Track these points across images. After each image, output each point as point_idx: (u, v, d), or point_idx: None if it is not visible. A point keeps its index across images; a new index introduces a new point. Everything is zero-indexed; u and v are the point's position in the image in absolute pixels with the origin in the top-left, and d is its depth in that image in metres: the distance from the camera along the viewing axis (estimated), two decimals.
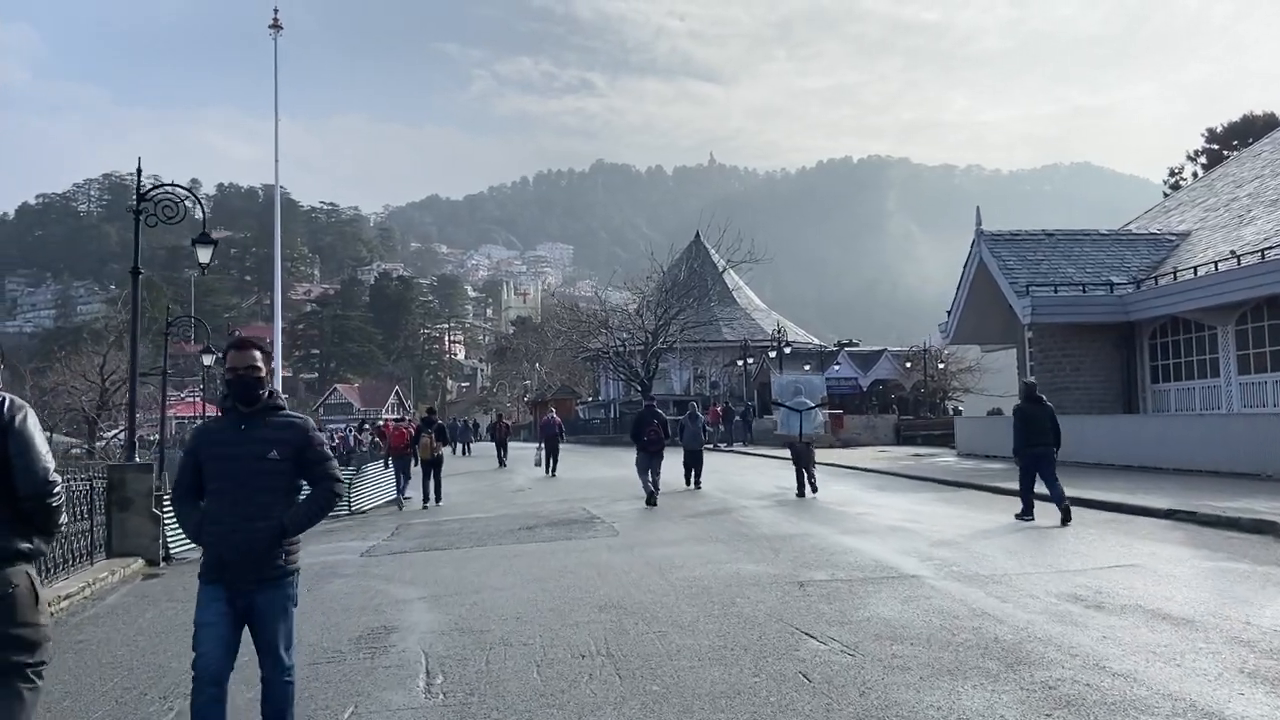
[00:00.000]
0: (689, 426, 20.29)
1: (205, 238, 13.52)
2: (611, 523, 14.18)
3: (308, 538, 13.05)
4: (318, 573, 10.86)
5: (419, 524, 15.95)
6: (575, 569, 9.96)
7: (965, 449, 26.92)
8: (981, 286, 25.54)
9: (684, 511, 15.35)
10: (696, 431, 20.24)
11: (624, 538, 12.45)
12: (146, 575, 12.05)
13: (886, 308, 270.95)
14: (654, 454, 17.00)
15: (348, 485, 18.54)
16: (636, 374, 49.80)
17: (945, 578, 8.53)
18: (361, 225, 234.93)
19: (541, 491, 20.63)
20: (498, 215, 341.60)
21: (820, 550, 10.48)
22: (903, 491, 17.73)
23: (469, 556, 11.48)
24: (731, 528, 12.92)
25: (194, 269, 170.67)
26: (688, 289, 52.29)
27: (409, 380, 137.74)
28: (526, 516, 15.69)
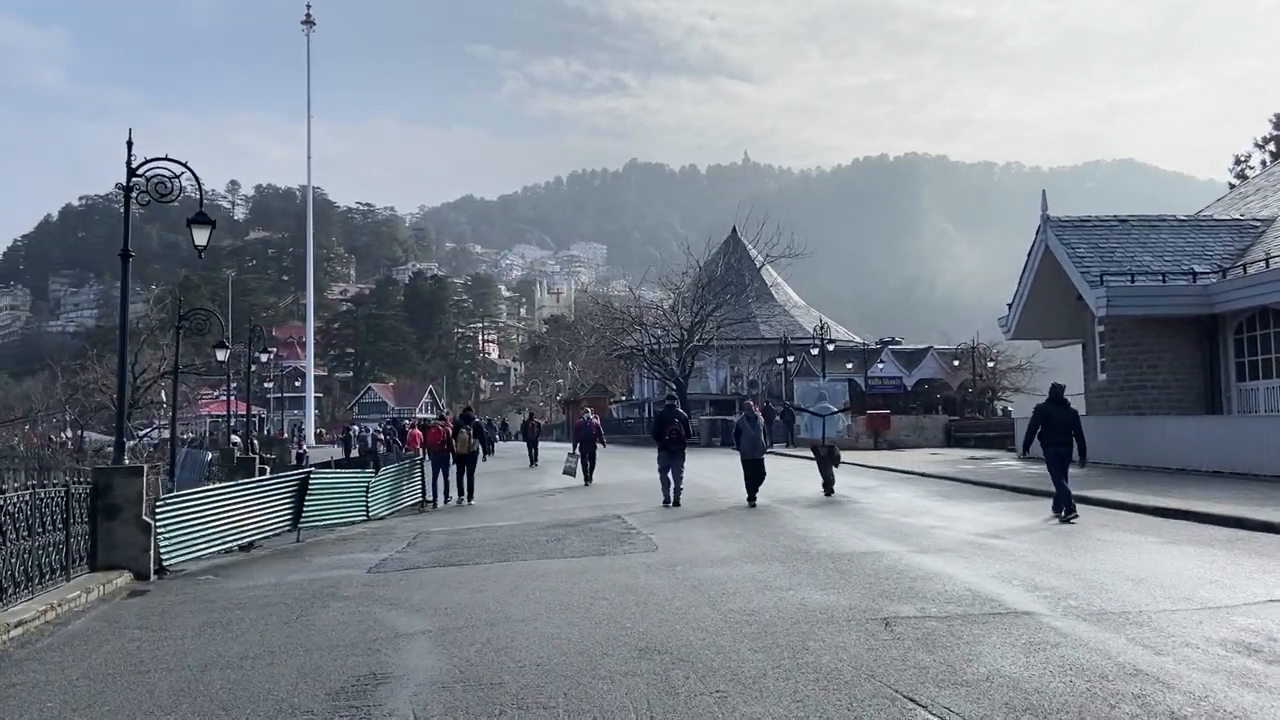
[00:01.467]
0: (747, 430, 16.22)
1: (202, 217, 12.25)
2: (649, 534, 12.69)
3: (314, 549, 11.68)
4: (315, 593, 9.49)
5: (438, 532, 14.58)
6: (609, 594, 8.48)
7: (1030, 452, 24.97)
8: (1047, 277, 23.67)
9: (728, 522, 13.81)
10: (757, 436, 16.22)
11: (664, 553, 10.95)
12: (132, 592, 10.77)
13: (925, 306, 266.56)
14: (675, 452, 16.80)
15: (365, 490, 17.25)
16: (671, 372, 48.25)
17: (1066, 615, 6.92)
18: (397, 225, 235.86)
19: (572, 496, 19.19)
20: (531, 215, 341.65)
21: (897, 574, 8.89)
22: (971, 500, 16.03)
23: (488, 575, 10.04)
24: (786, 543, 11.36)
25: (231, 268, 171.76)
26: (725, 285, 50.62)
27: (443, 379, 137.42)
28: (555, 526, 14.25)
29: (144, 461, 39.82)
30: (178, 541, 12.20)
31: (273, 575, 11.18)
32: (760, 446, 16.12)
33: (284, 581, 10.56)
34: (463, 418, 21.11)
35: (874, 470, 24.01)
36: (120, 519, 11.62)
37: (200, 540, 12.62)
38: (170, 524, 12.10)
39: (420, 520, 17.10)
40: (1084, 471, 14.75)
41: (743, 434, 16.26)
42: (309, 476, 15.16)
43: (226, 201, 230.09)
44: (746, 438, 16.18)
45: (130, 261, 11.98)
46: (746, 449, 16.13)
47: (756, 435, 16.20)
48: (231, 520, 13.22)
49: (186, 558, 12.39)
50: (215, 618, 8.53)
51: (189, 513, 12.49)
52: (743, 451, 16.14)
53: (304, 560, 12.44)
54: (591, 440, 22.51)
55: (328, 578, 10.61)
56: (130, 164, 11.95)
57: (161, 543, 11.98)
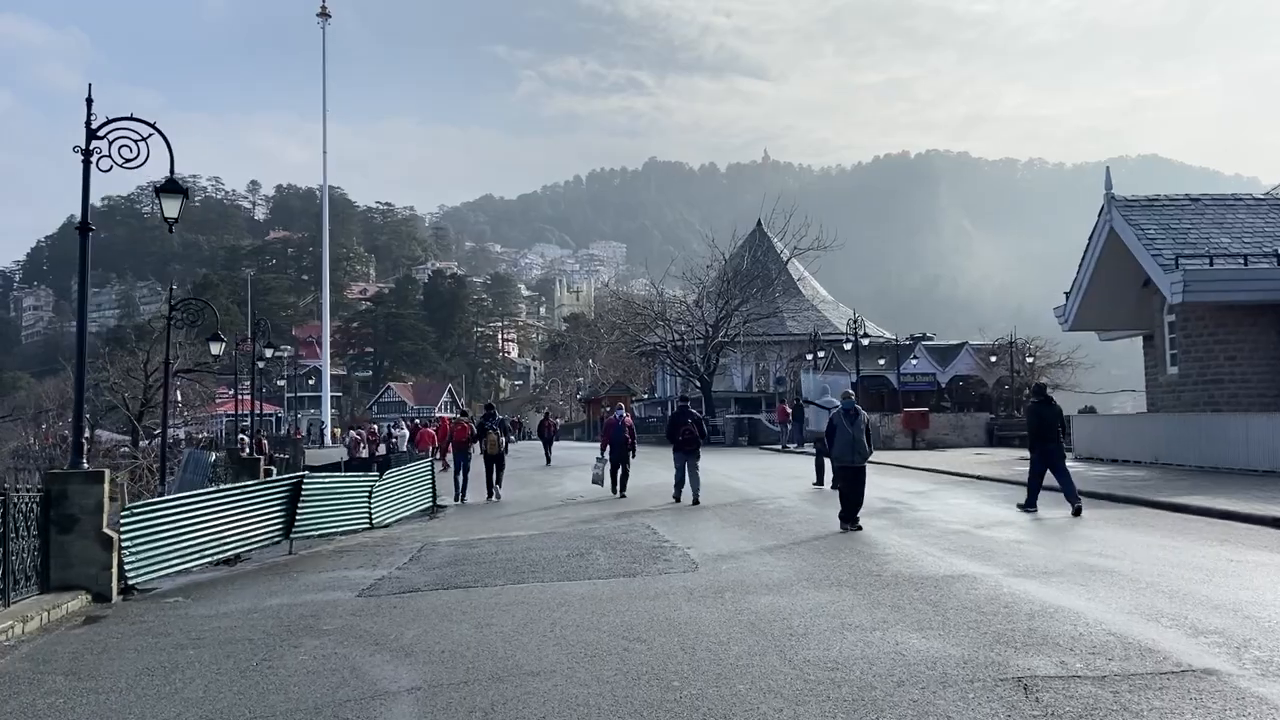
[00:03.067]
0: (843, 428, 12.42)
1: (173, 185, 10.66)
2: (685, 549, 10.99)
3: (305, 564, 10.06)
4: (289, 625, 7.86)
5: (446, 544, 12.94)
6: (647, 634, 6.79)
7: (1087, 452, 23.12)
8: (1110, 263, 21.76)
9: (773, 534, 12.08)
10: (856, 437, 12.35)
11: (706, 574, 9.26)
12: (88, 618, 9.19)
13: (948, 305, 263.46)
14: (690, 453, 16.47)
15: (368, 494, 15.67)
16: (696, 369, 46.52)
17: (1266, 676, 5.16)
18: (416, 225, 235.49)
19: (595, 501, 17.48)
20: (551, 214, 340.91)
21: (1005, 608, 7.15)
22: (1047, 509, 14.19)
23: (498, 603, 8.38)
24: (849, 561, 9.62)
25: (252, 268, 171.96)
26: (750, 279, 48.82)
27: (462, 379, 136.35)
28: (578, 537, 12.58)
29: (151, 463, 38.50)
30: (147, 557, 10.63)
31: (249, 598, 9.58)
32: (862, 450, 12.30)
33: (259, 608, 8.95)
34: (486, 417, 21.03)
35: (921, 472, 22.19)
36: (77, 532, 10.08)
37: (174, 555, 11.05)
38: (138, 537, 10.54)
39: (429, 528, 15.49)
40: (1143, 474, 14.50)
41: (837, 433, 12.47)
42: (301, 481, 13.57)
43: (247, 202, 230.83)
44: (842, 438, 12.38)
45: (90, 237, 10.41)
46: (843, 452, 12.37)
47: (856, 436, 12.29)
48: (212, 531, 11.64)
49: (158, 575, 10.83)
50: (161, 661, 6.93)
51: (160, 524, 10.92)
52: (837, 456, 12.49)
53: (290, 578, 10.84)
54: (624, 443, 18.47)
55: (310, 603, 8.99)
56: (89, 124, 10.37)
57: (127, 559, 10.42)
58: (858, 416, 12.48)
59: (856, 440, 12.31)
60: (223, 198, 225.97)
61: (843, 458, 12.38)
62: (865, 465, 12.41)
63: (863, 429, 12.35)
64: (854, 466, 12.27)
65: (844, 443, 12.36)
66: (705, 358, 46.29)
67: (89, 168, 10.40)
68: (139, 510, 10.83)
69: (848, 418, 12.45)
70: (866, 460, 12.43)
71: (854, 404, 12.70)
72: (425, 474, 18.54)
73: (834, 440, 12.54)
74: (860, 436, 12.29)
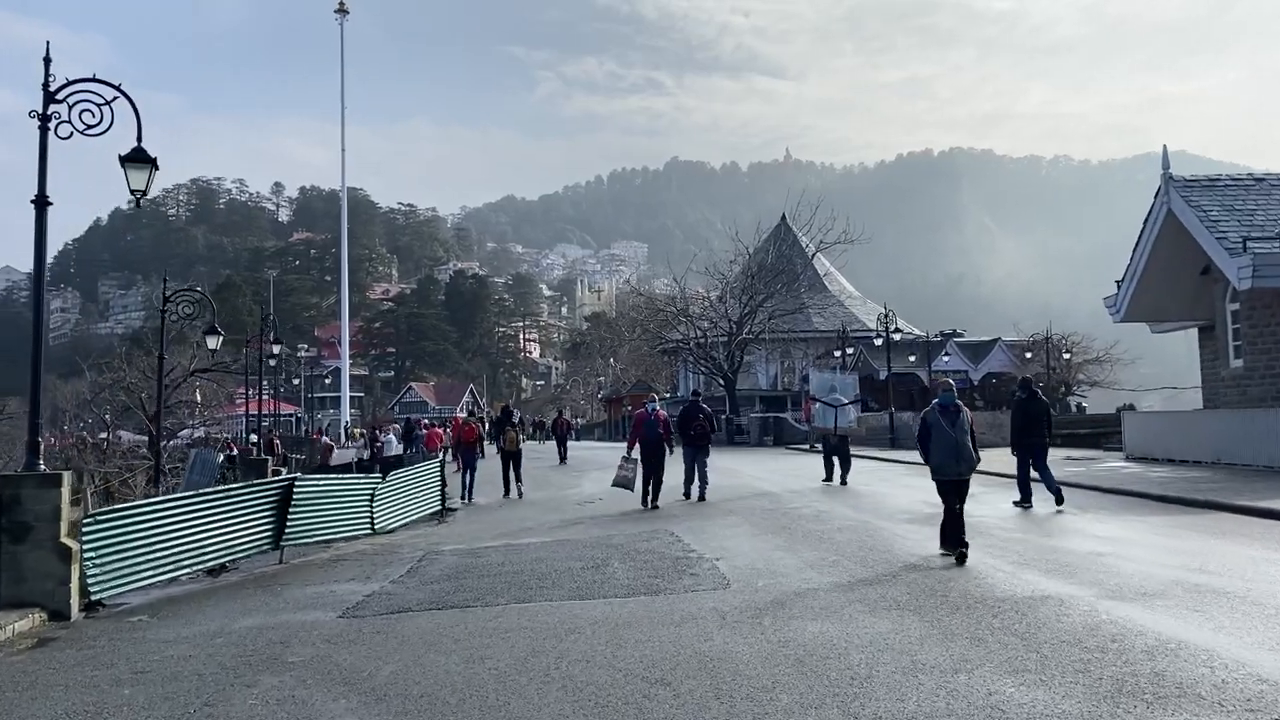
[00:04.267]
0: (942, 430, 9.57)
1: (139, 154, 9.54)
2: (714, 560, 9.74)
3: (293, 575, 8.63)
4: (251, 658, 6.68)
5: (449, 552, 11.77)
6: (673, 675, 5.55)
7: (1140, 451, 21.61)
8: (1167, 248, 20.26)
9: (810, 542, 10.79)
10: (961, 441, 9.52)
11: (740, 591, 8.01)
12: (40, 640, 8.08)
13: (972, 303, 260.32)
14: (699, 448, 16.22)
15: (370, 497, 14.53)
16: (720, 367, 45.17)
17: None
18: (438, 226, 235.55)
19: (614, 503, 16.19)
20: (572, 215, 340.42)
21: (1109, 640, 5.84)
22: (1117, 513, 12.80)
23: (496, 628, 7.16)
24: (909, 578, 8.33)
25: (274, 268, 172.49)
26: (776, 273, 47.37)
27: (484, 379, 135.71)
28: (594, 545, 11.36)
29: (168, 464, 37.75)
30: (114, 569, 9.53)
31: (220, 618, 8.44)
32: (969, 458, 9.54)
33: (227, 630, 7.80)
34: (503, 415, 21.15)
35: None
36: (30, 542, 8.99)
37: (146, 566, 9.94)
38: (103, 547, 9.44)
39: (434, 534, 14.33)
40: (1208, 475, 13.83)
41: (933, 435, 9.61)
42: (292, 484, 12.44)
43: (271, 203, 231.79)
44: (941, 443, 9.53)
45: (47, 210, 9.30)
46: (945, 461, 9.53)
47: (960, 439, 9.48)
48: (190, 540, 10.52)
49: (128, 588, 9.72)
50: (89, 702, 5.78)
51: (130, 532, 9.80)
52: (938, 466, 9.61)
53: (272, 593, 9.69)
54: (659, 443, 15.57)
55: (285, 625, 7.82)
56: (47, 87, 9.28)
57: (91, 571, 9.31)
58: (960, 415, 9.63)
59: (961, 445, 9.48)
60: (247, 200, 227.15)
61: (945, 468, 9.54)
62: (970, 472, 9.68)
63: (967, 430, 9.57)
64: (961, 480, 9.57)
65: (946, 448, 9.49)
66: (729, 355, 44.94)
67: (46, 135, 9.30)
68: (105, 517, 9.72)
69: (947, 416, 9.60)
70: (975, 470, 9.73)
71: (955, 399, 9.83)
72: (433, 476, 17.41)
73: (930, 445, 9.64)
74: (965, 440, 9.50)
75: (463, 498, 18.81)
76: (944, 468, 9.56)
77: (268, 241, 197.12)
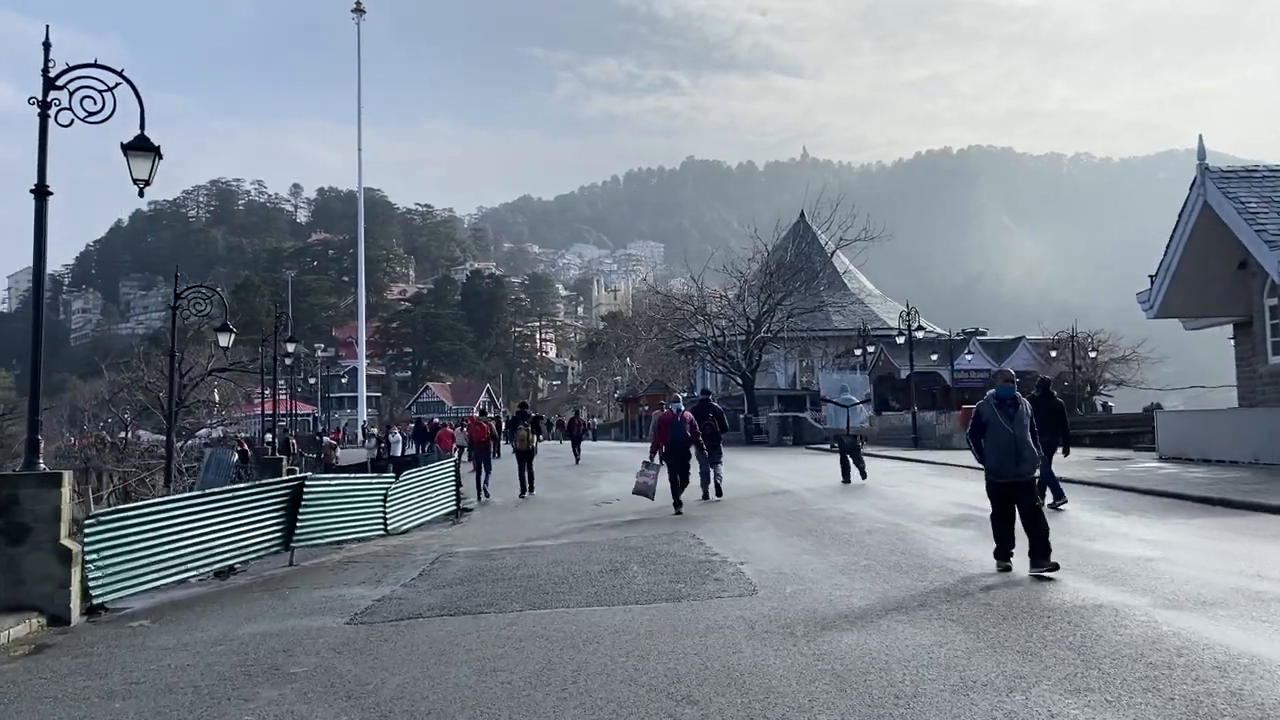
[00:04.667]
0: (998, 425, 8.45)
1: (142, 142, 9.21)
2: (739, 564, 9.31)
3: (303, 578, 8.29)
4: (251, 668, 6.31)
5: (463, 554, 11.39)
6: (698, 688, 5.13)
7: (1174, 451, 20.97)
8: (1203, 242, 19.62)
9: (838, 545, 10.33)
10: (1020, 439, 8.39)
11: (767, 598, 7.57)
12: (37, 646, 7.75)
13: (991, 302, 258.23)
14: (712, 447, 16.20)
15: (383, 497, 14.19)
16: (738, 366, 44.68)
17: None
18: (455, 226, 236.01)
19: (632, 504, 15.76)
20: (588, 215, 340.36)
21: (1175, 655, 5.37)
22: (1156, 515, 12.26)
23: (511, 636, 6.76)
24: (947, 584, 7.86)
25: (292, 269, 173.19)
26: (795, 271, 46.80)
27: (500, 378, 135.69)
28: (612, 547, 10.95)
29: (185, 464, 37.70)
30: (117, 572, 9.21)
31: (224, 623, 8.08)
32: (1030, 456, 8.42)
33: (230, 637, 7.44)
34: (519, 415, 21.03)
35: None
36: (29, 544, 8.68)
37: (151, 569, 9.62)
38: (106, 549, 9.12)
39: (449, 535, 13.97)
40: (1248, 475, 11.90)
41: (988, 431, 8.52)
42: (303, 483, 12.11)
43: (289, 205, 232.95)
44: (998, 440, 8.40)
45: (48, 200, 8.98)
46: (1002, 461, 8.40)
47: (1019, 435, 8.37)
48: (197, 541, 10.20)
49: (133, 591, 9.41)
50: (79, 715, 5.43)
51: (134, 533, 9.48)
52: (994, 468, 8.48)
53: (279, 597, 9.34)
54: (685, 444, 14.54)
55: (290, 632, 7.45)
56: (47, 73, 8.96)
57: (93, 574, 9.00)
58: (1019, 408, 8.52)
59: (1021, 442, 8.32)
60: (265, 201, 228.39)
61: (1003, 469, 8.37)
62: (1033, 484, 8.54)
63: (1027, 425, 8.45)
64: (1022, 481, 8.36)
65: (1003, 446, 8.34)
66: (747, 354, 44.44)
67: (46, 122, 8.98)
68: (108, 518, 9.40)
69: (1004, 410, 8.45)
70: (1037, 470, 8.67)
71: (1014, 391, 8.70)
72: (448, 476, 17.06)
73: (985, 443, 8.53)
74: (1025, 436, 8.37)
75: (479, 497, 18.67)
76: (1002, 468, 8.40)
77: (286, 242, 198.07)
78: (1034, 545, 8.09)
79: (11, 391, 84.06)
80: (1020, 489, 8.38)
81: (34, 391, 8.90)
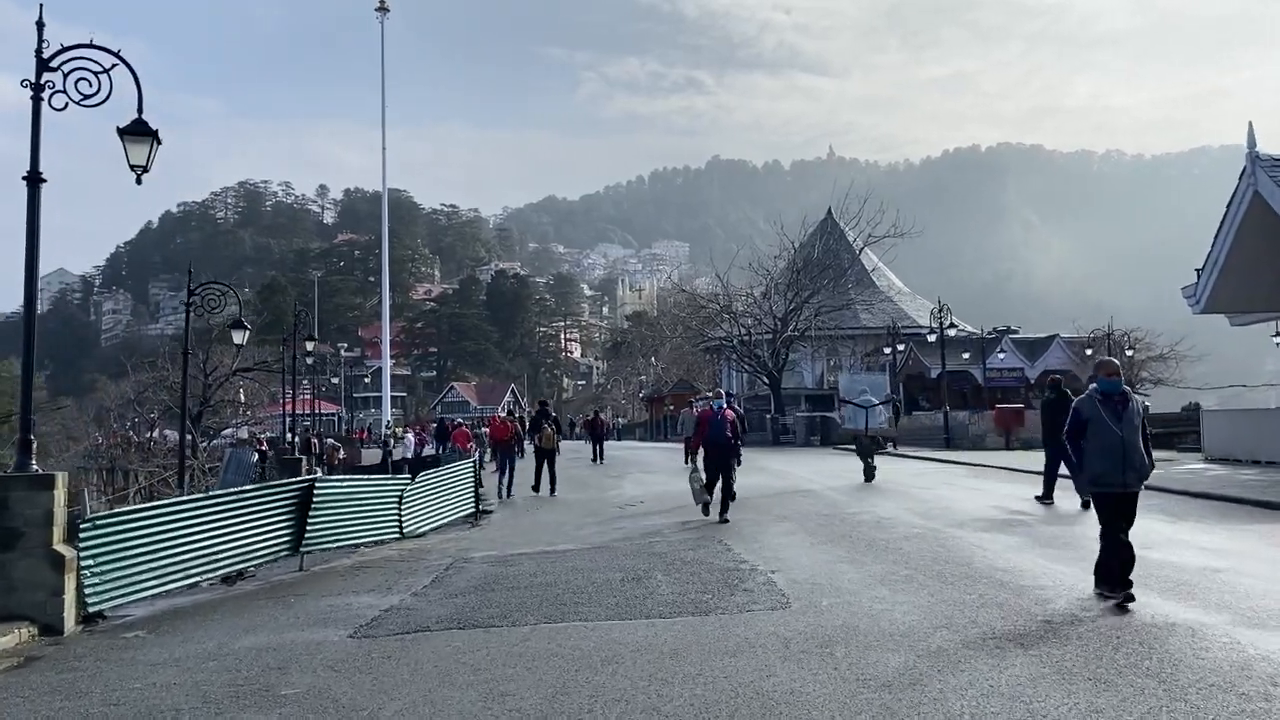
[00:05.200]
0: (1104, 427, 7.05)
1: (140, 127, 8.78)
2: (769, 573, 8.71)
3: (311, 584, 7.78)
4: (241, 689, 5.81)
5: (479, 559, 10.88)
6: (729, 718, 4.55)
7: (1223, 453, 20.11)
8: (1254, 233, 18.71)
9: (875, 554, 9.69)
10: (1129, 442, 6.99)
11: (803, 613, 6.97)
12: (26, 659, 7.31)
13: (1021, 300, 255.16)
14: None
15: (398, 499, 13.72)
16: (764, 365, 43.97)
17: None
18: (480, 226, 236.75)
19: (657, 507, 15.21)
20: (613, 215, 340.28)
21: (1270, 684, 4.72)
22: (1215, 521, 11.52)
23: (524, 653, 6.22)
24: (999, 597, 7.21)
25: (319, 269, 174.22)
26: (822, 268, 46.00)
27: (525, 378, 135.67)
28: (635, 554, 10.39)
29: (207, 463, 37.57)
30: (115, 578, 8.79)
31: (221, 634, 7.61)
32: (1140, 463, 7.00)
33: (224, 651, 6.96)
34: (540, 413, 20.82)
35: (1032, 475, 19.43)
36: (20, 549, 8.26)
37: (152, 575, 9.19)
38: (104, 554, 8.70)
39: (466, 538, 13.46)
40: None
41: (1090, 431, 7.12)
42: (313, 486, 11.65)
43: (316, 206, 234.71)
44: (1106, 442, 7.00)
45: (41, 188, 8.56)
46: (1109, 468, 7.00)
47: (1128, 437, 6.97)
48: (200, 545, 9.76)
49: (131, 599, 8.98)
50: None
51: (132, 538, 9.05)
52: (1099, 477, 7.09)
53: (284, 605, 8.87)
54: (726, 446, 13.14)
55: (289, 646, 6.96)
56: (40, 53, 8.55)
57: (89, 580, 8.57)
58: (1128, 405, 7.08)
59: (1130, 446, 6.94)
60: (293, 202, 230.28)
61: (1108, 477, 6.99)
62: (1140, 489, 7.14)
63: (1137, 425, 7.03)
64: (1129, 493, 7.02)
65: (1109, 450, 6.94)
66: (774, 352, 43.71)
67: (39, 105, 8.56)
68: (105, 522, 8.96)
69: (1110, 407, 7.05)
70: (1146, 479, 7.14)
71: (1120, 385, 7.26)
72: (466, 476, 16.57)
73: (1087, 446, 7.14)
74: (1135, 438, 6.96)
75: (500, 495, 18.55)
76: (1107, 477, 6.98)
77: (313, 243, 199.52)
78: (1119, 567, 6.96)
79: (43, 391, 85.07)
80: (1130, 501, 7.06)
81: (25, 391, 8.49)
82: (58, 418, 60.94)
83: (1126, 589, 6.81)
